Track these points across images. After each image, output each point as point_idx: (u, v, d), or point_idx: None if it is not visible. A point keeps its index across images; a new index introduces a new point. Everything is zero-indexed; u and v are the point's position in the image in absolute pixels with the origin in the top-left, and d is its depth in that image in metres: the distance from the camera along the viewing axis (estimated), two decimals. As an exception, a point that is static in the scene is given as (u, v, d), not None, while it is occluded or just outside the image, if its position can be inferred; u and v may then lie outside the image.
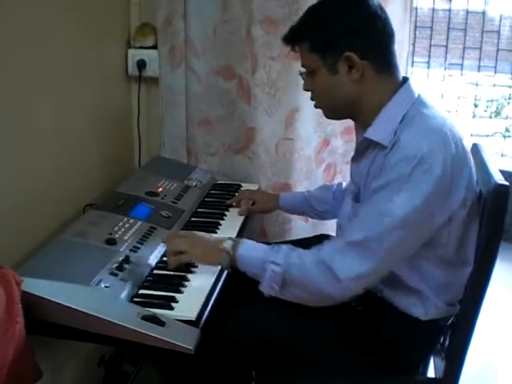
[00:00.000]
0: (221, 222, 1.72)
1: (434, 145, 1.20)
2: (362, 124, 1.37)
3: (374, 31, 1.29)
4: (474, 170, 1.31)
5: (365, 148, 1.36)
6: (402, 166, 1.19)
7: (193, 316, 1.22)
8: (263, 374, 1.45)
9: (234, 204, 1.83)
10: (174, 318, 1.21)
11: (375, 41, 1.29)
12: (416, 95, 1.31)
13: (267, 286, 1.29)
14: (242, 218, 1.77)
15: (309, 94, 1.41)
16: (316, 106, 1.41)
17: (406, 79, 1.34)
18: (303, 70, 1.38)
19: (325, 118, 1.46)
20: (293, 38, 1.36)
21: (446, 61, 3.85)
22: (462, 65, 3.84)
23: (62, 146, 1.69)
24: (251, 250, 1.34)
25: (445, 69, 3.91)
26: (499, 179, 1.25)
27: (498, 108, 4.49)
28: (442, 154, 1.20)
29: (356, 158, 1.42)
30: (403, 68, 1.97)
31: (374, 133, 1.30)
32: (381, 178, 1.24)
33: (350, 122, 1.46)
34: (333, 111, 1.41)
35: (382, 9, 1.30)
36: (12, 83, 1.42)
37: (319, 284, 1.24)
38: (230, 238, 1.37)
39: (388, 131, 1.27)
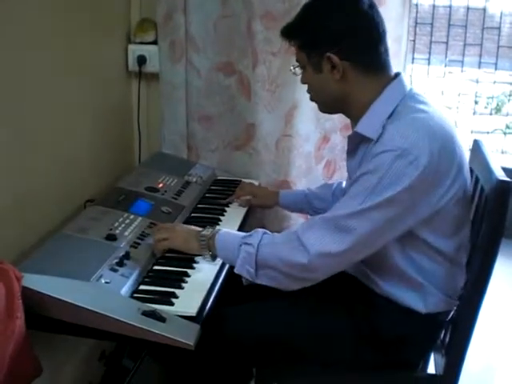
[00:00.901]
0: (221, 217, 1.72)
1: (420, 137, 1.20)
2: (354, 120, 1.38)
3: (359, 33, 1.29)
4: (466, 164, 1.31)
5: (357, 143, 1.37)
6: (384, 156, 1.20)
7: (193, 312, 1.22)
8: (263, 370, 1.45)
9: (235, 200, 1.83)
10: (175, 313, 1.21)
11: (359, 42, 1.30)
12: (407, 90, 1.31)
13: (242, 269, 1.30)
14: (242, 214, 1.77)
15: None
16: (311, 99, 1.44)
17: (397, 75, 1.34)
18: (296, 64, 1.40)
19: (324, 114, 1.48)
20: (286, 35, 1.38)
21: (446, 57, 3.84)
22: (462, 61, 3.83)
23: (62, 142, 1.68)
24: (227, 236, 1.37)
25: (445, 65, 3.90)
26: (501, 176, 1.25)
27: (498, 105, 4.48)
28: (428, 146, 1.19)
29: (350, 154, 1.43)
30: (401, 64, 1.97)
31: (363, 127, 1.31)
32: (363, 167, 1.24)
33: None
34: (324, 106, 1.44)
35: (372, 8, 1.30)
36: (12, 80, 1.42)
37: (287, 253, 1.25)
38: (210, 227, 1.41)
39: (376, 126, 1.27)
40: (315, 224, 1.26)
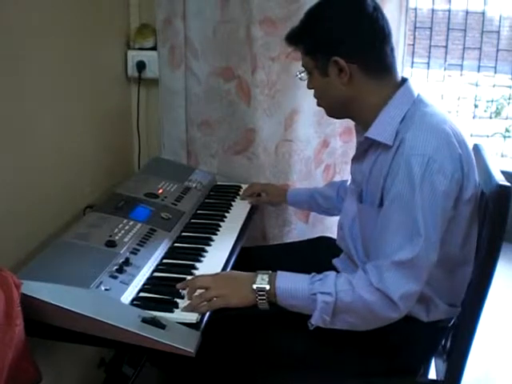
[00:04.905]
0: (221, 223, 1.72)
1: (439, 143, 1.21)
2: (362, 124, 1.37)
3: (365, 35, 1.29)
4: (474, 162, 1.31)
5: (366, 148, 1.36)
6: (414, 166, 1.19)
7: (193, 318, 1.22)
8: (265, 375, 1.44)
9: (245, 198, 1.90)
10: (175, 320, 1.20)
11: (365, 44, 1.29)
12: (415, 94, 1.31)
13: (319, 319, 1.23)
14: (242, 220, 1.77)
15: (309, 94, 1.43)
16: (318, 105, 1.43)
17: (405, 79, 1.34)
18: (302, 69, 1.40)
19: (324, 119, 1.48)
20: (291, 41, 1.38)
21: (445, 61, 3.85)
22: (461, 65, 3.85)
23: (61, 148, 1.68)
24: (291, 283, 1.25)
25: (444, 69, 3.91)
26: (501, 180, 1.25)
27: (497, 108, 4.49)
28: (449, 151, 1.20)
29: (357, 158, 1.42)
30: (399, 68, 1.96)
31: (376, 132, 1.30)
32: (397, 183, 1.21)
33: (349, 123, 1.47)
34: (331, 111, 1.43)
35: (376, 10, 1.29)
36: (12, 85, 1.42)
37: (375, 309, 1.20)
38: (259, 273, 1.27)
39: (390, 131, 1.27)
40: (388, 269, 1.19)
